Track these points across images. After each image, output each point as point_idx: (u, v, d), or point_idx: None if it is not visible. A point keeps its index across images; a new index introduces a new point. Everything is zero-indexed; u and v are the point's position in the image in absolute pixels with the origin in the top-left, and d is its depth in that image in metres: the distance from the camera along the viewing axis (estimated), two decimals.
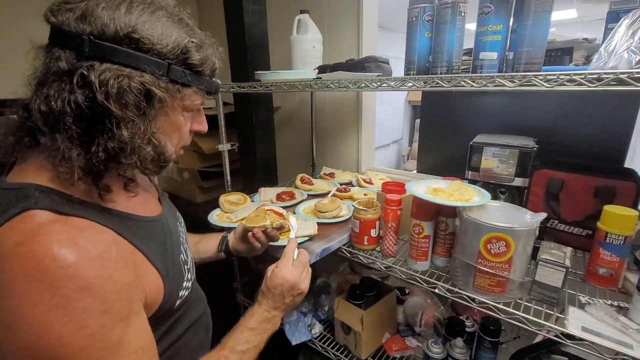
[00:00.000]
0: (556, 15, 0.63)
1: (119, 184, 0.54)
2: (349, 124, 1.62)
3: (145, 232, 0.57)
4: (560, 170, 0.93)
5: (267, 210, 0.90)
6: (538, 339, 0.99)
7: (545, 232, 0.95)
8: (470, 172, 1.01)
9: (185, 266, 0.66)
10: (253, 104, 1.47)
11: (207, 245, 0.90)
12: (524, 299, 0.73)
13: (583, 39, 1.02)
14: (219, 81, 0.61)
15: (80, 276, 0.43)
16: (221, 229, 1.05)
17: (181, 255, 0.66)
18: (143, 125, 0.50)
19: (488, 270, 0.71)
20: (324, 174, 1.50)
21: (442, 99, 1.32)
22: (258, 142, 1.52)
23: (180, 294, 0.62)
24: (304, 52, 1.28)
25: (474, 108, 1.25)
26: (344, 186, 1.29)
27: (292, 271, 0.73)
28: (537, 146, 0.93)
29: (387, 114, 4.27)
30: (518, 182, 0.93)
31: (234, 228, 0.92)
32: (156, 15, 0.49)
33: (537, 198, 0.95)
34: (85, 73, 0.45)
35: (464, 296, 0.76)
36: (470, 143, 0.99)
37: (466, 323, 1.01)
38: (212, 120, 1.66)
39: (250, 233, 0.83)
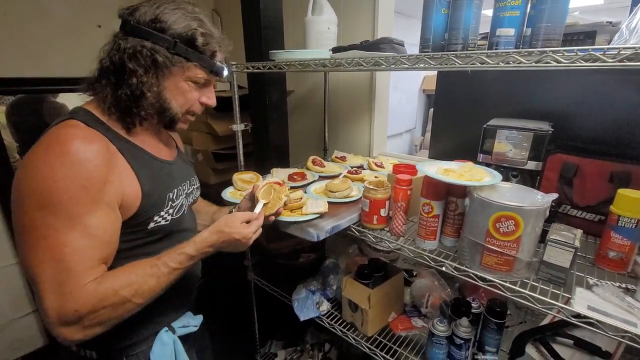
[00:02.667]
0: (581, 1, 0.62)
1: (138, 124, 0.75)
2: (362, 108, 1.62)
3: (143, 162, 0.74)
4: (575, 154, 0.92)
5: (269, 185, 0.93)
6: (545, 322, 1.00)
7: (556, 217, 0.94)
8: (482, 155, 1.01)
9: (171, 202, 0.79)
10: (267, 86, 1.48)
11: (220, 216, 0.95)
12: (531, 279, 0.73)
13: (607, 22, 0.98)
14: (221, 64, 0.77)
15: (78, 155, 0.61)
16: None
17: (170, 194, 0.79)
18: (152, 81, 0.70)
19: (496, 248, 0.72)
20: (336, 157, 1.51)
21: (457, 83, 1.31)
22: (271, 124, 1.53)
23: (155, 218, 0.75)
24: (319, 33, 1.28)
25: (489, 93, 1.23)
26: (355, 169, 1.30)
27: (245, 227, 0.80)
28: (552, 129, 0.91)
29: (401, 102, 4.21)
30: (531, 165, 0.93)
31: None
32: (174, 10, 0.70)
33: (550, 183, 0.95)
34: (120, 43, 0.69)
35: (471, 274, 0.77)
36: (484, 126, 0.99)
37: (472, 304, 1.02)
38: (226, 102, 1.70)
39: (271, 217, 0.89)
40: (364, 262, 1.27)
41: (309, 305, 1.23)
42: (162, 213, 0.77)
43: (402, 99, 4.20)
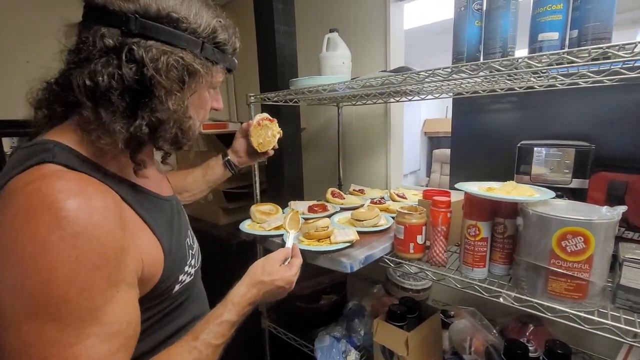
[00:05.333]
0: None
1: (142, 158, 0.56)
2: (377, 142, 1.60)
3: (154, 206, 0.58)
4: (621, 172, 0.85)
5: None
6: None
7: None
8: (518, 177, 0.95)
9: (190, 251, 0.65)
10: (281, 121, 1.47)
11: (212, 173, 0.98)
12: (609, 308, 0.63)
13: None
14: (236, 60, 0.64)
15: (80, 221, 0.41)
16: (253, 239, 1.00)
17: (187, 240, 0.65)
18: (185, 98, 0.53)
19: (564, 272, 0.62)
20: (354, 190, 1.44)
21: (474, 117, 1.27)
22: (285, 159, 1.50)
23: (180, 278, 0.60)
24: (334, 67, 1.29)
25: (511, 124, 1.18)
26: (377, 199, 1.23)
27: (286, 270, 0.72)
28: (594, 145, 0.86)
29: (404, 145, 4.29)
30: (576, 183, 0.86)
31: (263, 235, 0.97)
32: None
33: (597, 204, 0.87)
34: (134, 49, 0.47)
35: (535, 304, 0.66)
36: (518, 145, 0.94)
37: (529, 347, 0.88)
38: None
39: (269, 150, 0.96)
40: (393, 302, 1.15)
41: (334, 355, 1.08)
42: (186, 268, 0.61)
43: (404, 142, 4.29)
